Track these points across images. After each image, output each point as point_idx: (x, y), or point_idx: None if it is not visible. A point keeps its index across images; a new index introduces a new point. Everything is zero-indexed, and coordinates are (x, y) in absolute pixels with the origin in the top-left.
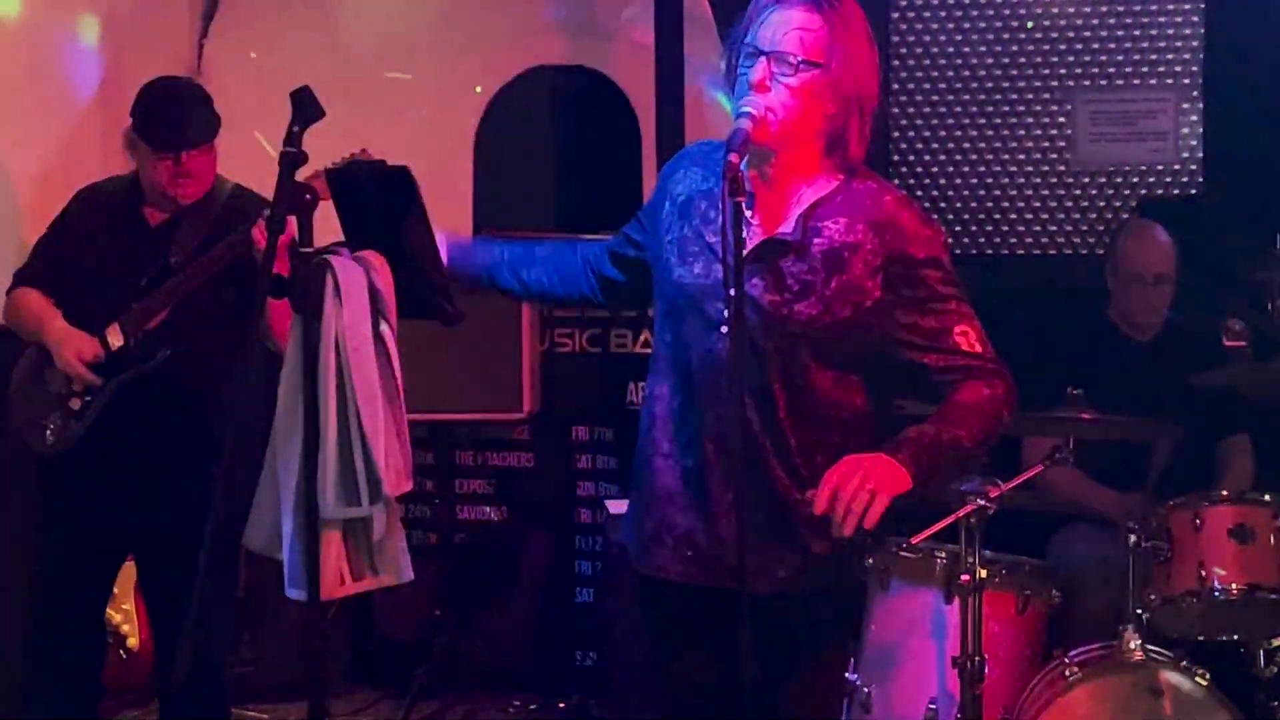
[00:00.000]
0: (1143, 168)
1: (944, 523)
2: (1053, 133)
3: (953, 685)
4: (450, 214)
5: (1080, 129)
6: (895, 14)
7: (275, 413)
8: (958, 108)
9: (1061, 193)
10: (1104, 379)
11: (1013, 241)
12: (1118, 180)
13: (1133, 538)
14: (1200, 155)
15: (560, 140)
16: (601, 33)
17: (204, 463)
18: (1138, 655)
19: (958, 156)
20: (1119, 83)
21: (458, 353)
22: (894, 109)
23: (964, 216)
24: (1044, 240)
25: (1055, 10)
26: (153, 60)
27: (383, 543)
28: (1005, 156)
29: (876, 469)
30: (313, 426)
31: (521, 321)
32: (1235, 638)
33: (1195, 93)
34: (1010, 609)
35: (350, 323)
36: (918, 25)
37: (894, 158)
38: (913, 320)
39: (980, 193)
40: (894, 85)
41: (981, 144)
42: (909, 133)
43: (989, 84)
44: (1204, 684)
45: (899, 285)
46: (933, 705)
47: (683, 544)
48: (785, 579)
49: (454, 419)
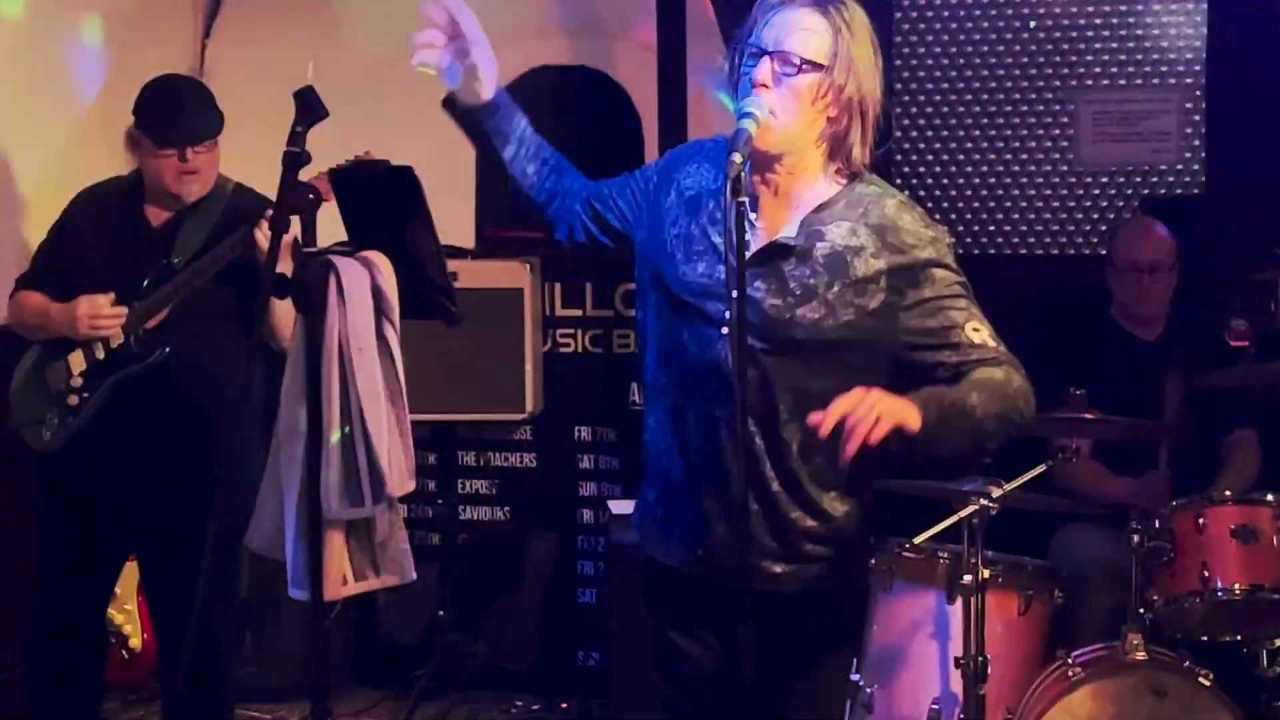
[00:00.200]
0: (1145, 168)
1: (946, 523)
2: (1055, 133)
3: (955, 685)
4: (453, 214)
5: (1083, 129)
6: (898, 14)
7: (278, 413)
8: (960, 108)
9: (1064, 193)
10: (1107, 378)
11: (1015, 241)
12: (1120, 180)
13: (1135, 538)
14: (1203, 155)
15: (563, 140)
16: (604, 33)
17: (205, 462)
18: (1140, 655)
19: (960, 157)
20: (1121, 83)
21: (460, 353)
22: (896, 109)
23: (966, 216)
24: (1046, 240)
25: (1058, 10)
26: (156, 59)
27: (385, 543)
28: (1008, 156)
29: (885, 398)
30: (315, 427)
31: (524, 322)
32: (1238, 638)
33: (1198, 93)
34: (1013, 609)
35: (353, 323)
36: (920, 25)
37: (896, 158)
38: (921, 323)
39: (983, 193)
40: (896, 85)
41: (984, 144)
42: (911, 133)
43: (991, 84)
44: (1207, 684)
45: (904, 288)
46: (935, 705)
47: (686, 537)
48: (783, 577)
49: (456, 419)
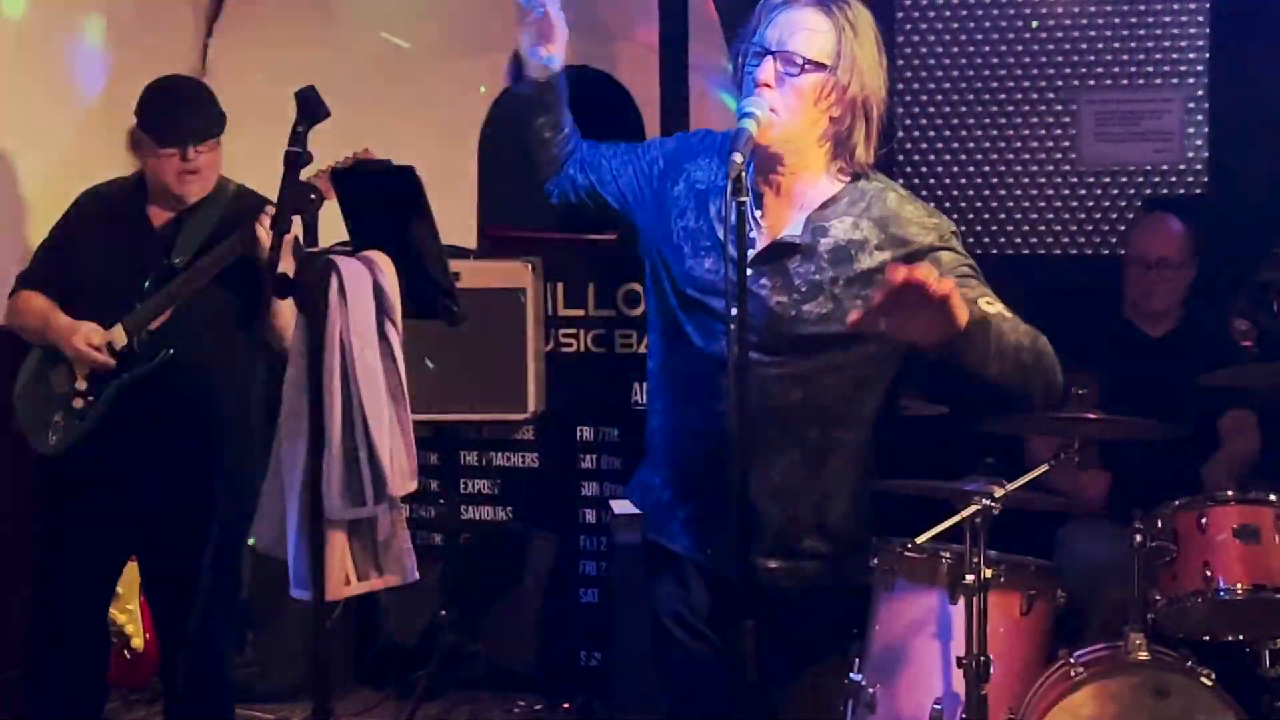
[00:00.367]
0: (1147, 168)
1: (949, 523)
2: (1057, 133)
3: (958, 685)
4: (455, 214)
5: (1085, 129)
6: (900, 14)
7: (280, 413)
8: (962, 108)
9: (1066, 193)
10: (1112, 376)
11: (1017, 241)
12: (1122, 180)
13: (1138, 537)
14: (1205, 155)
15: None
16: (606, 33)
17: (207, 462)
18: (1143, 655)
19: (962, 156)
20: (1124, 83)
21: (462, 353)
22: (899, 109)
23: (969, 216)
24: (1048, 240)
25: (1060, 10)
26: (157, 60)
27: (387, 543)
28: (1010, 156)
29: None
30: (317, 427)
31: (526, 322)
32: (1241, 638)
33: (1200, 93)
34: (1015, 609)
35: (355, 323)
36: (922, 25)
37: (899, 157)
38: None
39: (985, 193)
40: (898, 85)
41: (986, 144)
42: (914, 133)
43: (994, 84)
44: (1209, 684)
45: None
46: (938, 705)
47: (690, 525)
48: (781, 573)
49: (458, 419)
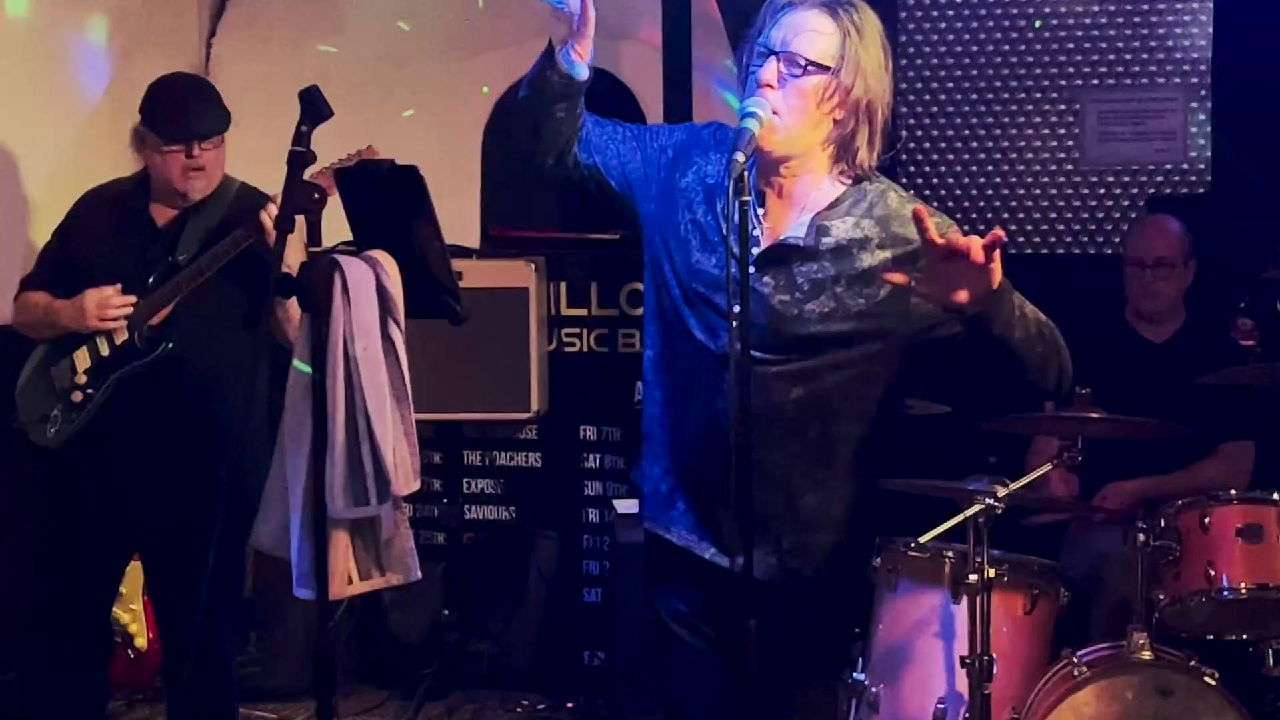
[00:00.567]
0: (1151, 167)
1: (952, 522)
2: (1061, 132)
3: (961, 685)
4: (458, 213)
5: (1088, 128)
6: (904, 13)
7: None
8: (966, 107)
9: (1069, 192)
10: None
11: (1020, 241)
12: (1126, 180)
13: (1141, 537)
14: (1208, 155)
15: None
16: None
17: (210, 460)
18: (1146, 655)
19: (965, 156)
20: (1127, 82)
21: (465, 353)
22: (902, 109)
23: (972, 216)
24: (1052, 240)
25: (1064, 10)
26: (161, 60)
27: (390, 542)
28: (1013, 156)
29: None
30: (321, 426)
31: (529, 321)
32: (1244, 637)
33: (1204, 92)
34: (1018, 608)
35: (358, 322)
36: (926, 24)
37: (902, 157)
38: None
39: (989, 192)
40: (902, 85)
41: (990, 143)
42: (917, 132)
43: (997, 83)
44: (1213, 684)
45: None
46: (941, 705)
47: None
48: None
49: (462, 419)
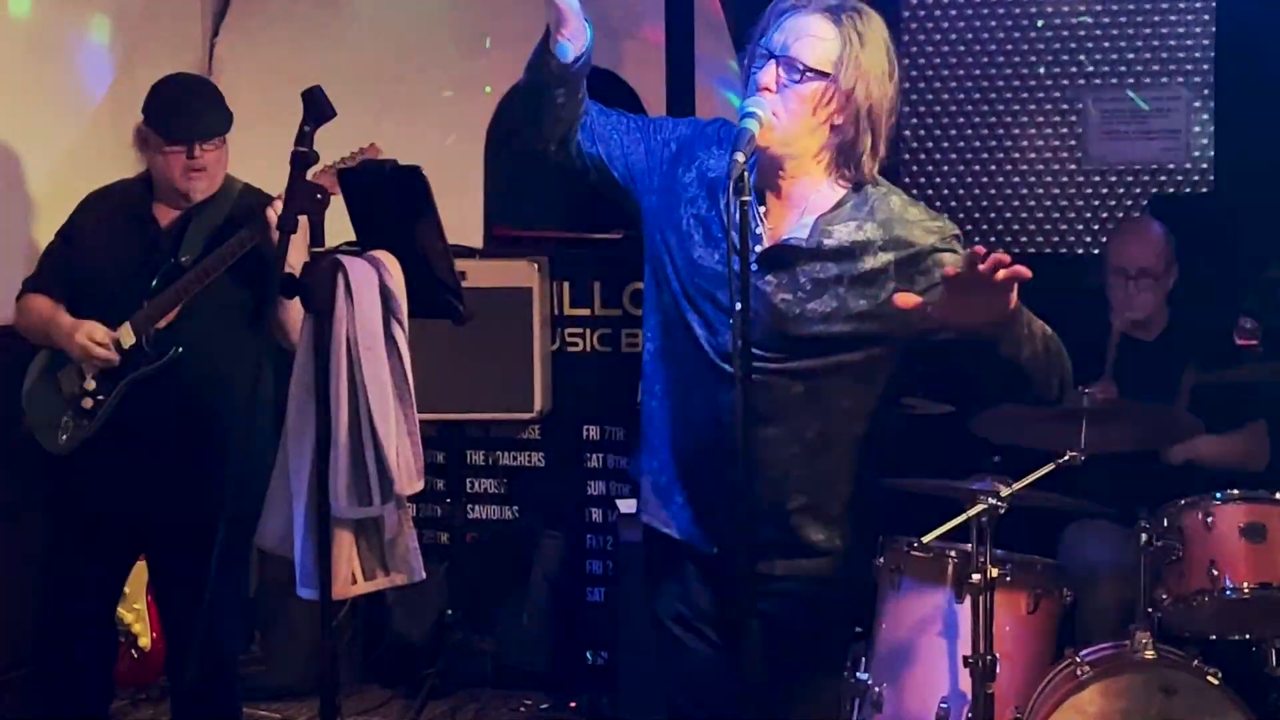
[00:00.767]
0: (1154, 166)
1: (955, 522)
2: (1063, 131)
3: (964, 684)
4: (461, 213)
5: (1091, 127)
6: (906, 13)
7: (287, 412)
8: (969, 106)
9: (1072, 191)
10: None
11: (1023, 240)
12: (1128, 179)
13: (1144, 536)
14: (1211, 154)
15: None
16: (612, 32)
17: (215, 461)
18: (1149, 654)
19: (968, 155)
20: (1130, 81)
21: (469, 353)
22: (904, 108)
23: (974, 215)
24: (1054, 239)
25: (1066, 9)
26: (163, 60)
27: (394, 542)
28: (1016, 155)
29: None
30: (324, 426)
31: (532, 321)
32: (1247, 636)
33: (1206, 91)
34: (1021, 608)
35: (361, 322)
36: (928, 24)
37: (904, 157)
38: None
39: (991, 191)
40: (904, 84)
41: (992, 142)
42: (919, 131)
43: (1000, 82)
44: (1215, 683)
45: (914, 276)
46: (944, 704)
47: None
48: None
49: (465, 419)
